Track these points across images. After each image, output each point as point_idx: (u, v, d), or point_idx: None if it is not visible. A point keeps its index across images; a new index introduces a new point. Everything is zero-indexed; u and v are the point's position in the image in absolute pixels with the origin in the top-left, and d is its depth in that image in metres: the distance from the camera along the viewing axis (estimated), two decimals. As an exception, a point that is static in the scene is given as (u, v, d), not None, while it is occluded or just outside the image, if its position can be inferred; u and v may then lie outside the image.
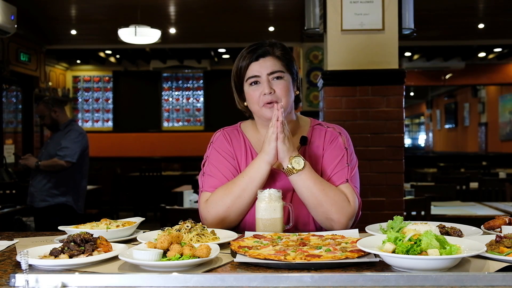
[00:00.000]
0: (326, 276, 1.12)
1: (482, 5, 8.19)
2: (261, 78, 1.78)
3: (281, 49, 1.83)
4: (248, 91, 1.82)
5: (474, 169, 8.34)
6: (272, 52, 1.80)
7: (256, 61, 1.79)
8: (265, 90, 1.77)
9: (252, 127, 1.94)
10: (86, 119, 11.38)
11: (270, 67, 1.78)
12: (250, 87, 1.81)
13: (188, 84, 11.44)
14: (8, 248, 1.56)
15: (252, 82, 1.80)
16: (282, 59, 1.81)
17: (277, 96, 1.78)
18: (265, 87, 1.77)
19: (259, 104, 1.79)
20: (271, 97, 1.77)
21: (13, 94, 8.57)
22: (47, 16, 8.41)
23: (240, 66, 1.81)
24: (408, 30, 3.97)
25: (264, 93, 1.77)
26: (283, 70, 1.80)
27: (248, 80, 1.80)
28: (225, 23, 8.51)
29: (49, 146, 4.62)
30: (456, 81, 12.52)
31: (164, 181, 8.73)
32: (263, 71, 1.78)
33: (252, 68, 1.79)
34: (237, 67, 1.83)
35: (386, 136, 3.88)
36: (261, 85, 1.78)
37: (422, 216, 3.84)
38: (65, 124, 4.62)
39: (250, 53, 1.80)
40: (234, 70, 1.85)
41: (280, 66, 1.80)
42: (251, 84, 1.80)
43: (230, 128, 1.96)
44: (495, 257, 1.28)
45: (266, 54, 1.79)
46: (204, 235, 1.53)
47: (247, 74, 1.80)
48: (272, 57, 1.79)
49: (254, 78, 1.79)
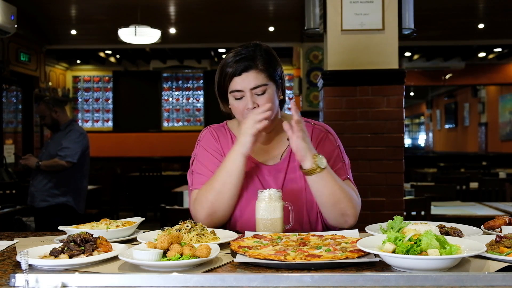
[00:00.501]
0: (326, 276, 1.12)
1: (482, 5, 8.19)
2: (244, 92, 1.77)
3: (264, 59, 1.79)
4: (233, 103, 1.81)
5: (474, 169, 8.34)
6: (255, 66, 1.77)
7: (239, 76, 1.76)
8: (249, 105, 1.76)
9: (238, 125, 1.93)
10: (86, 119, 11.38)
11: (253, 82, 1.76)
12: (234, 100, 1.80)
13: (188, 84, 11.44)
14: (8, 248, 1.56)
15: (237, 98, 1.79)
16: (265, 71, 1.78)
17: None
18: (249, 102, 1.76)
19: (243, 115, 1.79)
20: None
21: (13, 94, 8.57)
22: (47, 16, 8.41)
23: (223, 76, 1.80)
24: (408, 30, 3.97)
25: (248, 107, 1.77)
26: (266, 82, 1.77)
27: (231, 93, 1.79)
28: (225, 23, 8.51)
29: (49, 146, 4.62)
30: (456, 81, 12.53)
31: (164, 181, 8.73)
32: (246, 85, 1.76)
33: (236, 82, 1.77)
34: (220, 74, 1.81)
35: (386, 136, 3.88)
36: (245, 99, 1.77)
37: (422, 216, 3.84)
38: (65, 124, 4.62)
39: (234, 64, 1.77)
40: (217, 77, 1.83)
41: (263, 79, 1.77)
42: (235, 99, 1.79)
43: (216, 125, 1.98)
44: (495, 257, 1.28)
45: (249, 69, 1.76)
46: (204, 235, 1.53)
47: (230, 87, 1.79)
48: (254, 71, 1.76)
49: (237, 93, 1.78)
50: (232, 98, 1.81)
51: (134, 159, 10.20)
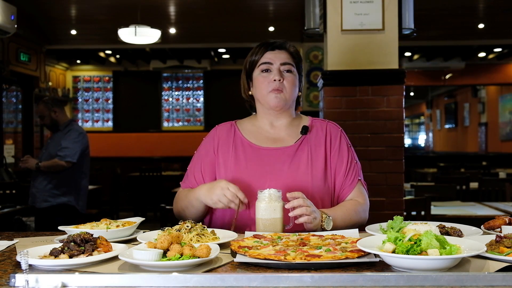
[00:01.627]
0: (326, 276, 1.12)
1: (482, 5, 8.19)
2: (273, 66, 1.91)
3: (294, 50, 1.98)
4: (258, 77, 1.93)
5: (474, 169, 8.33)
6: (287, 47, 1.95)
7: (272, 51, 1.93)
8: (276, 76, 1.89)
9: (247, 121, 2.04)
10: (86, 119, 11.37)
11: (284, 58, 1.92)
12: (260, 73, 1.93)
13: (188, 84, 11.44)
14: (8, 248, 1.56)
15: (264, 70, 1.92)
16: (294, 56, 1.96)
17: (285, 86, 1.90)
18: (276, 74, 1.89)
19: (268, 89, 1.90)
20: (280, 85, 1.89)
21: (13, 94, 8.57)
22: (47, 16, 8.41)
23: (255, 55, 1.94)
24: (408, 30, 3.97)
25: (274, 79, 1.88)
26: (293, 65, 1.93)
27: (260, 66, 1.93)
28: (225, 23, 8.51)
29: (49, 147, 4.62)
30: (456, 81, 12.52)
31: (164, 181, 8.72)
32: (276, 60, 1.91)
33: (267, 56, 1.92)
34: (251, 55, 1.96)
35: (386, 136, 3.87)
36: (272, 72, 1.91)
37: (422, 216, 3.84)
38: (65, 124, 4.62)
39: (265, 44, 1.95)
40: (248, 59, 1.97)
41: (292, 61, 1.94)
42: (262, 71, 1.92)
43: (225, 123, 2.06)
44: (495, 257, 1.28)
45: (282, 47, 1.94)
46: (204, 235, 1.53)
47: (260, 60, 1.93)
48: (286, 51, 1.94)
49: (266, 65, 1.92)
50: (258, 72, 1.93)
51: (134, 159, 10.19)
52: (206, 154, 1.97)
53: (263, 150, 1.91)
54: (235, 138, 1.96)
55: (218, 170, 1.93)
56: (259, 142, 1.94)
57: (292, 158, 1.88)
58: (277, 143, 1.93)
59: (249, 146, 1.93)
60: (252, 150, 1.91)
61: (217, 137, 1.98)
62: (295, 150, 1.89)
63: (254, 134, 1.96)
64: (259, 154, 1.90)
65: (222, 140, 1.97)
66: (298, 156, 1.88)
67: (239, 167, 1.88)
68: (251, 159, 1.89)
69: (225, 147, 1.94)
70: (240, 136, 1.96)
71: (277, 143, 1.93)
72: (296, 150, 1.90)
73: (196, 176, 1.96)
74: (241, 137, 1.96)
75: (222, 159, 1.93)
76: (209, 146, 1.98)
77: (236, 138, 1.96)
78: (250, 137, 1.95)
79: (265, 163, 1.88)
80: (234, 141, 1.95)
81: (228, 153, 1.93)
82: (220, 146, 1.95)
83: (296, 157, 1.88)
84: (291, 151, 1.89)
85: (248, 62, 1.96)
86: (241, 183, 1.80)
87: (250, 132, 1.98)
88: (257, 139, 1.95)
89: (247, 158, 1.90)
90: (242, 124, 2.02)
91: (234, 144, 1.94)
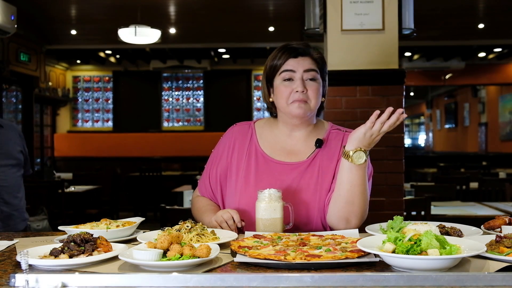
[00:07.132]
0: (326, 276, 1.12)
1: (482, 5, 8.19)
2: (296, 75, 1.81)
3: (318, 55, 1.88)
4: (280, 86, 1.84)
5: (474, 169, 8.34)
6: (311, 53, 1.85)
7: (295, 58, 1.82)
8: (299, 87, 1.80)
9: (266, 124, 1.97)
10: (86, 119, 11.37)
11: (307, 65, 1.82)
12: (282, 82, 1.83)
13: (188, 84, 11.44)
14: (8, 248, 1.56)
15: (286, 78, 1.82)
16: (318, 62, 1.86)
17: (308, 97, 1.81)
18: (299, 85, 1.80)
19: (289, 100, 1.81)
20: (303, 96, 1.80)
21: (13, 94, 8.57)
22: (47, 16, 8.41)
23: (276, 60, 1.84)
24: (408, 30, 3.97)
25: (297, 90, 1.79)
26: (317, 71, 1.84)
27: (282, 73, 1.83)
28: (225, 23, 8.51)
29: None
30: (456, 81, 12.52)
31: (164, 181, 8.73)
32: (299, 67, 1.81)
33: (289, 63, 1.82)
34: (272, 60, 1.86)
35: (386, 136, 3.81)
36: (295, 82, 1.81)
37: (422, 216, 3.84)
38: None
39: (289, 50, 1.84)
40: (269, 63, 1.88)
41: (316, 66, 1.84)
42: (284, 80, 1.83)
43: (243, 123, 2.01)
44: (495, 257, 1.28)
45: (305, 54, 1.84)
46: (204, 235, 1.53)
47: (282, 67, 1.83)
48: (310, 58, 1.84)
49: (289, 74, 1.82)
50: (280, 80, 1.84)
51: (134, 159, 10.20)
52: (220, 157, 1.94)
53: (275, 164, 1.86)
54: (250, 144, 1.91)
55: (229, 174, 1.91)
56: (273, 153, 1.88)
57: (303, 175, 1.83)
58: (291, 156, 1.87)
59: (262, 156, 1.88)
60: (265, 161, 1.87)
61: (233, 138, 1.94)
62: (306, 166, 1.84)
63: (270, 144, 1.91)
64: (270, 167, 1.86)
65: (238, 142, 1.93)
66: (309, 172, 1.83)
67: (248, 179, 1.85)
68: (262, 171, 1.85)
69: (240, 152, 1.90)
70: (255, 143, 1.91)
71: (291, 156, 1.87)
72: (308, 166, 1.84)
73: (211, 181, 1.95)
74: (256, 145, 1.91)
75: (235, 167, 1.89)
76: (224, 147, 1.95)
77: (251, 145, 1.91)
78: (265, 146, 1.90)
79: (275, 177, 1.83)
80: (249, 148, 1.90)
81: (241, 160, 1.89)
82: (236, 149, 1.92)
83: (307, 174, 1.83)
84: (303, 167, 1.84)
85: (269, 66, 1.87)
86: (246, 197, 1.82)
87: (266, 141, 1.92)
88: (272, 149, 1.90)
89: (258, 169, 1.86)
90: (260, 128, 1.96)
91: (248, 151, 1.90)
